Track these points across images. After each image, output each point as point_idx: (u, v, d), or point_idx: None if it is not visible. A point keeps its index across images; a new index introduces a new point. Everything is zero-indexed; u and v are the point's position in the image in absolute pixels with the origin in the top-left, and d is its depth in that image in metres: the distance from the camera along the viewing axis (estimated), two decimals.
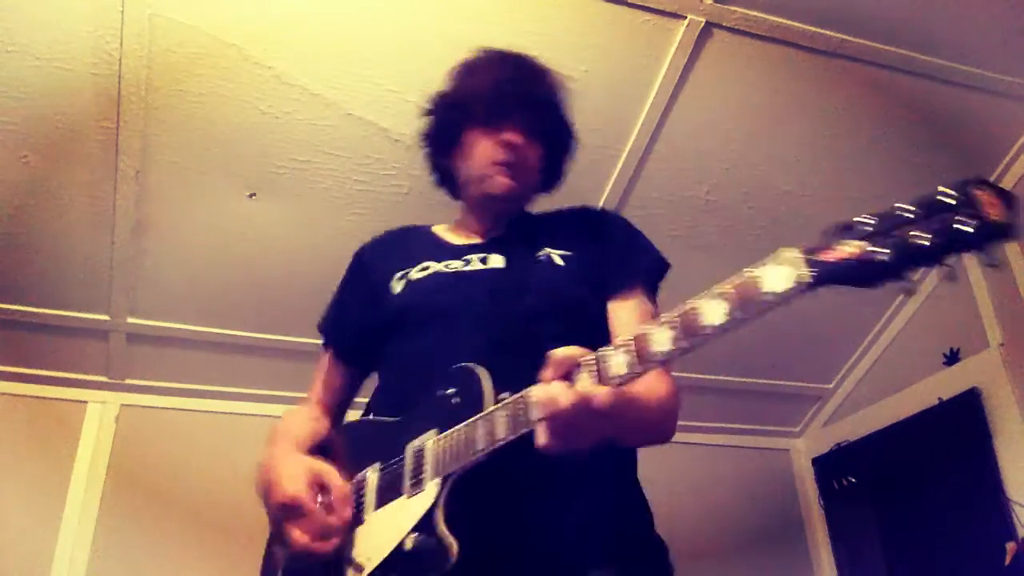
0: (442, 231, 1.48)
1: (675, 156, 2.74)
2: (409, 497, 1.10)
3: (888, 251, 0.78)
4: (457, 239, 1.44)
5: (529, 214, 1.47)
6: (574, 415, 0.92)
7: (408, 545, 1.05)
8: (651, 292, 1.32)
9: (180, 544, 2.97)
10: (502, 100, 1.34)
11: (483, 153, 1.35)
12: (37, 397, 3.00)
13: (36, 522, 2.84)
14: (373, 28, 2.31)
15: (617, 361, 0.93)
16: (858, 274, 0.80)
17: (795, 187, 2.89)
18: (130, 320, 2.89)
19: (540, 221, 1.45)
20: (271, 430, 1.36)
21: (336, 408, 1.47)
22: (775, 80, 2.58)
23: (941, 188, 0.81)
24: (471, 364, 1.13)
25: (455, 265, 1.35)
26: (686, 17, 2.38)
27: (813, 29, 2.46)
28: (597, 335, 1.06)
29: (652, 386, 1.13)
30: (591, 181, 2.77)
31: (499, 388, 1.09)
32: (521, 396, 1.02)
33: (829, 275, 0.82)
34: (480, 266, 1.33)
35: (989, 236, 0.76)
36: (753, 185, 2.87)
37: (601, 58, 2.45)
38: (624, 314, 1.26)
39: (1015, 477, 2.80)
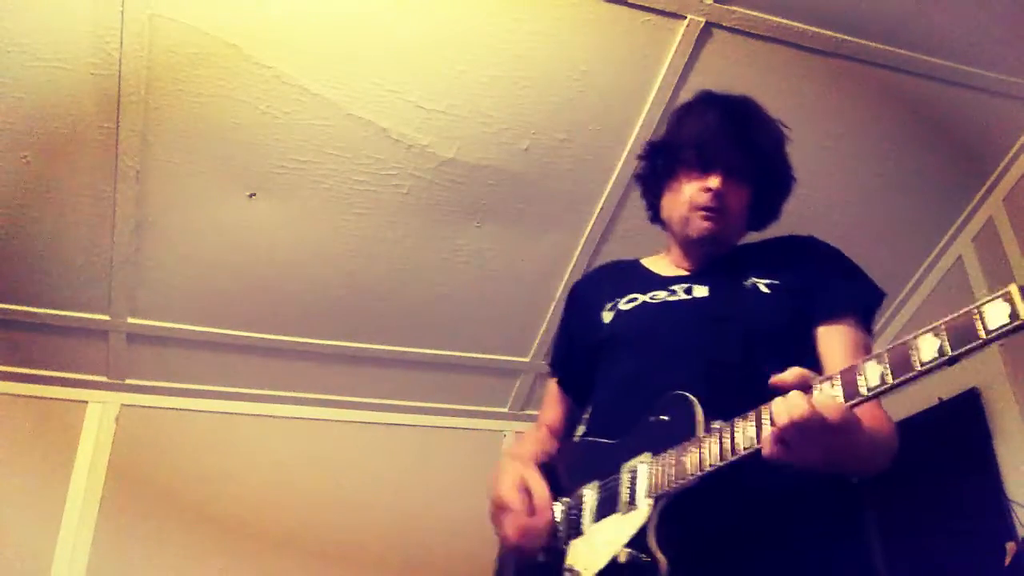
0: (650, 263, 1.53)
1: None
2: (624, 514, 1.17)
3: None
4: (664, 271, 1.49)
5: (737, 246, 1.49)
6: (809, 422, 0.95)
7: (622, 559, 1.13)
8: (864, 322, 1.32)
9: (180, 544, 2.98)
10: (708, 145, 1.37)
11: (686, 196, 1.39)
12: (37, 397, 3.00)
13: (36, 522, 2.84)
14: (373, 28, 2.31)
15: (862, 377, 0.97)
16: None
17: (794, 187, 2.89)
18: (130, 320, 2.89)
19: (748, 252, 1.46)
20: (506, 450, 1.46)
21: (562, 432, 1.56)
22: (775, 80, 2.58)
23: None
24: (684, 392, 1.18)
25: (661, 295, 1.40)
26: (686, 17, 2.38)
27: (813, 29, 2.46)
28: (804, 363, 1.07)
29: (880, 423, 1.18)
30: (591, 181, 2.77)
31: (709, 415, 1.14)
32: (731, 423, 1.07)
33: None
34: (684, 296, 1.38)
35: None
36: None
37: (601, 58, 2.45)
38: (834, 341, 1.28)
39: (1015, 477, 2.80)
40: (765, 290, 1.33)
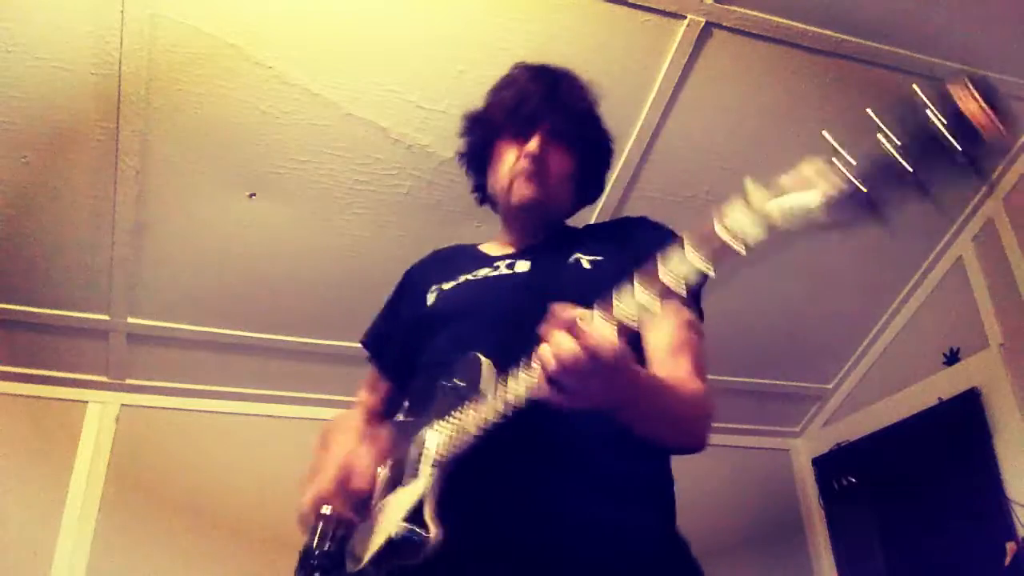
0: (487, 246, 1.51)
1: (675, 156, 2.74)
2: (406, 487, 1.12)
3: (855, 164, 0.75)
4: (493, 251, 1.47)
5: (568, 227, 1.48)
6: (578, 361, 0.90)
7: (395, 534, 1.05)
8: (692, 300, 1.27)
9: (180, 544, 2.97)
10: (525, 111, 1.35)
11: (507, 164, 1.37)
12: (37, 397, 3.00)
13: (36, 522, 2.84)
14: (373, 28, 2.32)
15: (627, 300, 0.91)
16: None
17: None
18: (130, 320, 2.89)
19: (578, 233, 1.45)
20: (320, 433, 1.41)
21: (380, 415, 1.51)
22: (775, 80, 2.58)
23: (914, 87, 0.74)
24: (475, 353, 1.13)
25: (483, 272, 1.38)
26: (686, 17, 2.38)
27: (813, 29, 2.46)
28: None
29: (682, 379, 1.13)
30: None
31: (499, 375, 1.08)
32: (508, 373, 1.01)
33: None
34: (506, 271, 1.36)
35: (967, 138, 0.69)
36: None
37: (601, 58, 2.45)
38: (660, 317, 1.23)
39: (1015, 477, 2.80)
40: (587, 265, 1.31)
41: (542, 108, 1.35)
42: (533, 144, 1.33)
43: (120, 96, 2.31)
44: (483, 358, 1.12)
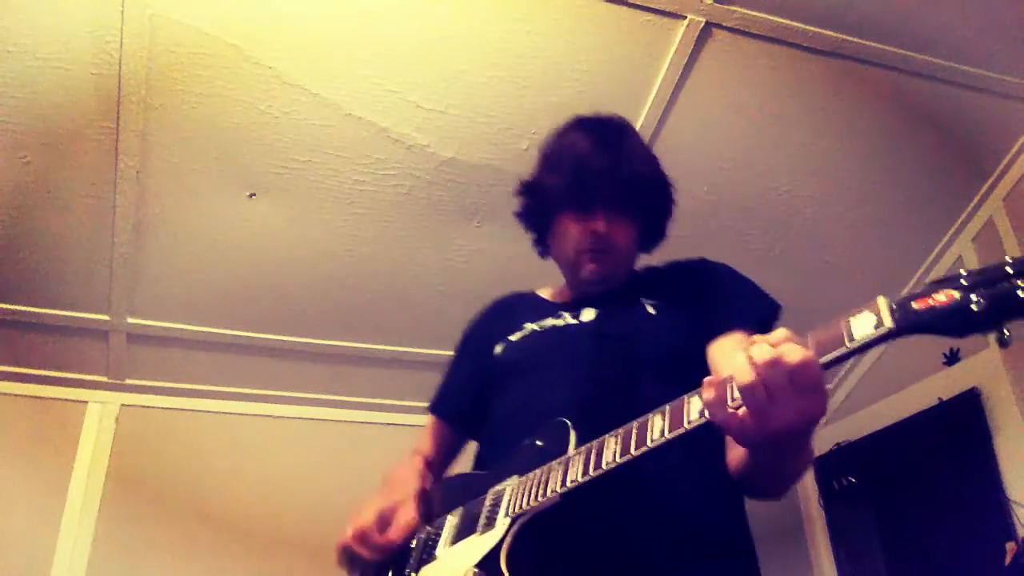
0: (547, 293, 1.52)
1: (675, 156, 2.70)
2: (480, 535, 1.11)
3: (982, 300, 0.75)
4: (556, 298, 1.47)
5: (632, 273, 1.46)
6: (772, 378, 0.83)
7: None
8: (760, 333, 1.26)
9: (180, 544, 2.97)
10: (586, 187, 1.32)
11: (572, 240, 1.35)
12: (37, 397, 3.00)
13: (36, 522, 2.84)
14: (373, 28, 2.31)
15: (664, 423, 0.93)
16: (946, 322, 0.77)
17: (795, 187, 2.89)
18: (130, 320, 2.89)
19: (639, 278, 1.43)
20: (382, 479, 1.44)
21: (438, 465, 1.52)
22: (775, 80, 2.58)
23: None
24: (562, 419, 1.13)
25: (549, 322, 1.37)
26: (686, 17, 2.38)
27: (813, 29, 2.45)
28: (691, 382, 1.00)
29: None
30: None
31: (585, 436, 1.07)
32: (601, 440, 1.01)
33: (913, 323, 0.79)
34: (571, 320, 1.35)
35: None
36: (753, 185, 2.87)
37: (601, 58, 2.45)
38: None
39: (1015, 477, 2.80)
40: (651, 311, 1.30)
41: (606, 184, 1.31)
42: (599, 225, 1.32)
43: (120, 96, 2.31)
44: (568, 422, 1.11)
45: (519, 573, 1.02)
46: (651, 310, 1.30)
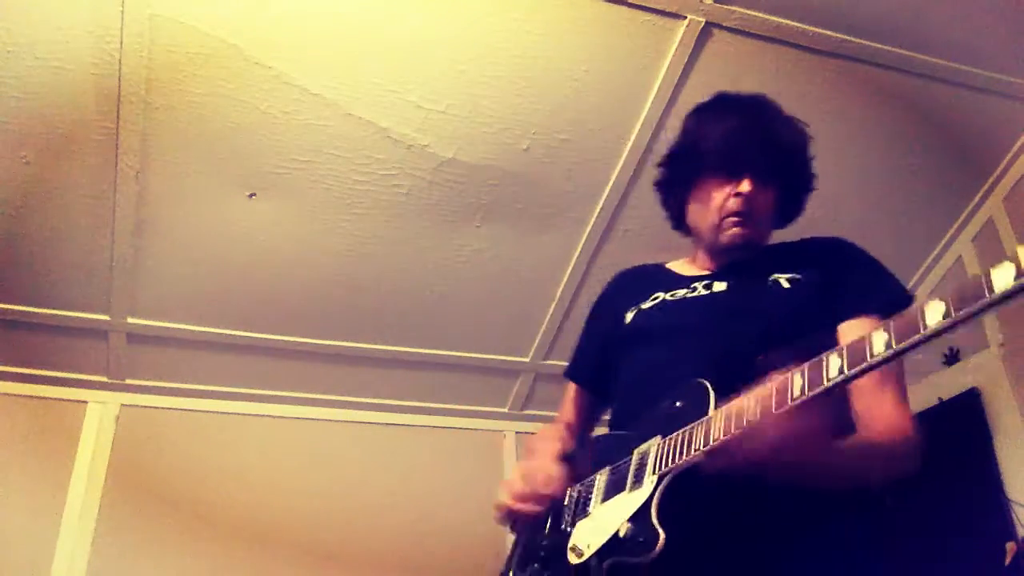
0: (676, 266, 1.54)
1: None
2: (629, 492, 1.18)
3: None
4: (686, 271, 1.50)
5: (764, 247, 1.47)
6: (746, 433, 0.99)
7: (622, 533, 1.13)
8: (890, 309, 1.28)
9: (180, 544, 2.97)
10: (735, 149, 1.36)
11: (716, 204, 1.38)
12: (37, 397, 3.00)
13: (36, 522, 2.84)
14: (373, 28, 2.31)
15: (831, 364, 0.95)
16: None
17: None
18: (130, 320, 2.89)
19: (771, 252, 1.44)
20: (526, 447, 1.51)
21: (579, 429, 1.59)
22: (775, 80, 2.57)
23: None
24: (700, 380, 1.19)
25: (681, 293, 1.42)
26: (686, 17, 2.38)
27: (813, 29, 2.46)
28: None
29: (880, 426, 1.19)
30: (591, 181, 2.77)
31: (721, 401, 1.14)
32: (740, 397, 1.07)
33: None
34: (703, 292, 1.39)
35: None
36: None
37: (601, 58, 2.45)
38: (853, 333, 1.22)
39: (1015, 477, 2.80)
40: (786, 284, 1.33)
41: (755, 148, 1.36)
42: (745, 186, 1.35)
43: (120, 96, 2.31)
44: (707, 383, 1.17)
45: (668, 525, 1.09)
46: (785, 284, 1.33)
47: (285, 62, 2.33)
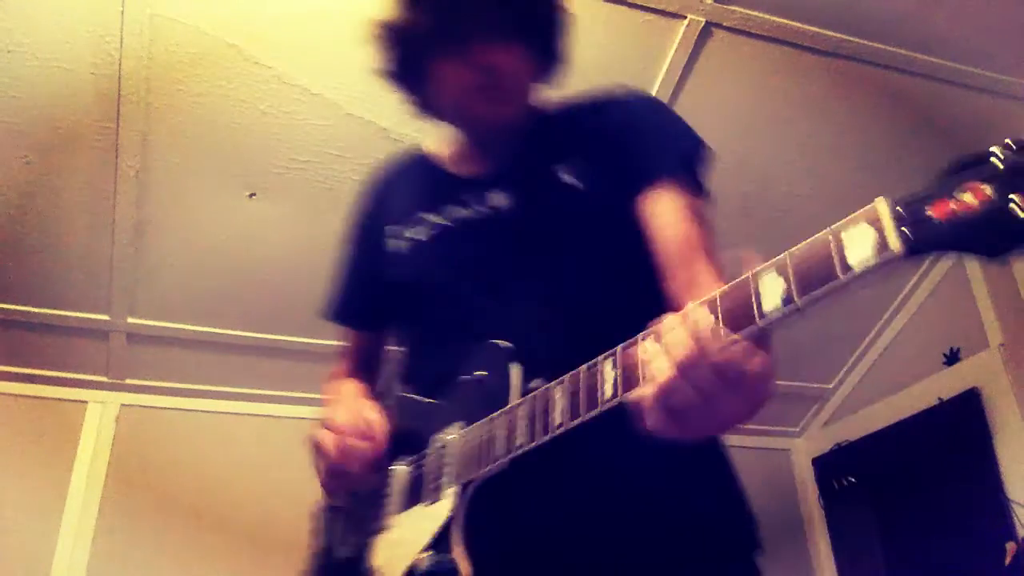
0: (441, 154, 1.30)
1: None
2: (427, 505, 0.99)
3: None
4: (457, 168, 1.26)
5: (535, 117, 1.22)
6: (703, 369, 0.70)
7: (422, 566, 0.93)
8: (689, 180, 1.05)
9: (180, 544, 2.97)
10: (459, 18, 1.09)
11: (457, 83, 1.11)
12: (37, 397, 3.00)
13: (36, 522, 2.84)
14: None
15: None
16: (977, 236, 0.54)
17: (794, 187, 2.89)
18: (130, 320, 2.89)
19: (550, 127, 1.21)
20: (327, 398, 1.33)
21: (368, 370, 1.40)
22: (775, 80, 2.58)
23: None
24: (498, 342, 0.99)
25: (456, 212, 1.17)
26: (686, 17, 2.38)
27: (813, 29, 2.45)
28: (632, 271, 0.89)
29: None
30: None
31: (529, 370, 0.95)
32: (547, 388, 0.87)
33: (929, 240, 0.57)
34: (482, 209, 1.15)
35: None
36: (753, 185, 2.86)
37: (601, 58, 2.45)
38: (660, 213, 1.02)
39: (1015, 477, 2.80)
40: (570, 180, 1.10)
41: (471, 9, 1.08)
42: (477, 58, 1.08)
43: (120, 96, 2.31)
44: (506, 348, 0.97)
45: (474, 550, 0.90)
46: (569, 179, 1.10)
47: (285, 62, 2.33)
